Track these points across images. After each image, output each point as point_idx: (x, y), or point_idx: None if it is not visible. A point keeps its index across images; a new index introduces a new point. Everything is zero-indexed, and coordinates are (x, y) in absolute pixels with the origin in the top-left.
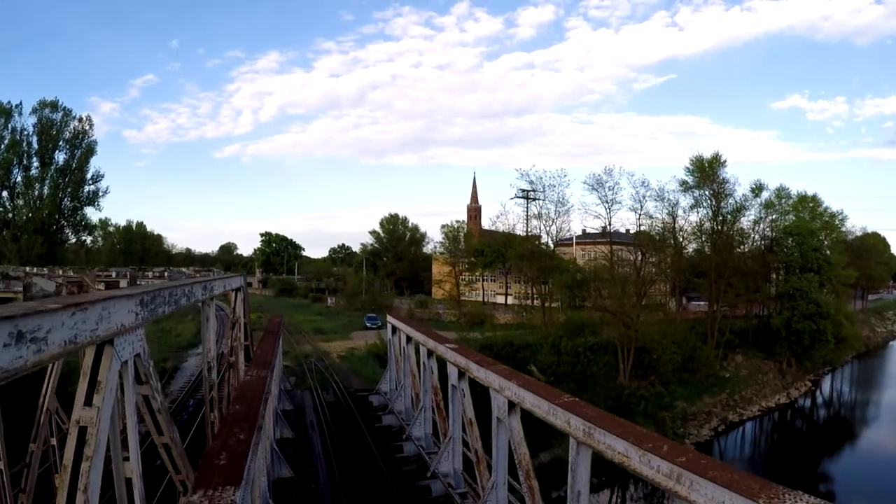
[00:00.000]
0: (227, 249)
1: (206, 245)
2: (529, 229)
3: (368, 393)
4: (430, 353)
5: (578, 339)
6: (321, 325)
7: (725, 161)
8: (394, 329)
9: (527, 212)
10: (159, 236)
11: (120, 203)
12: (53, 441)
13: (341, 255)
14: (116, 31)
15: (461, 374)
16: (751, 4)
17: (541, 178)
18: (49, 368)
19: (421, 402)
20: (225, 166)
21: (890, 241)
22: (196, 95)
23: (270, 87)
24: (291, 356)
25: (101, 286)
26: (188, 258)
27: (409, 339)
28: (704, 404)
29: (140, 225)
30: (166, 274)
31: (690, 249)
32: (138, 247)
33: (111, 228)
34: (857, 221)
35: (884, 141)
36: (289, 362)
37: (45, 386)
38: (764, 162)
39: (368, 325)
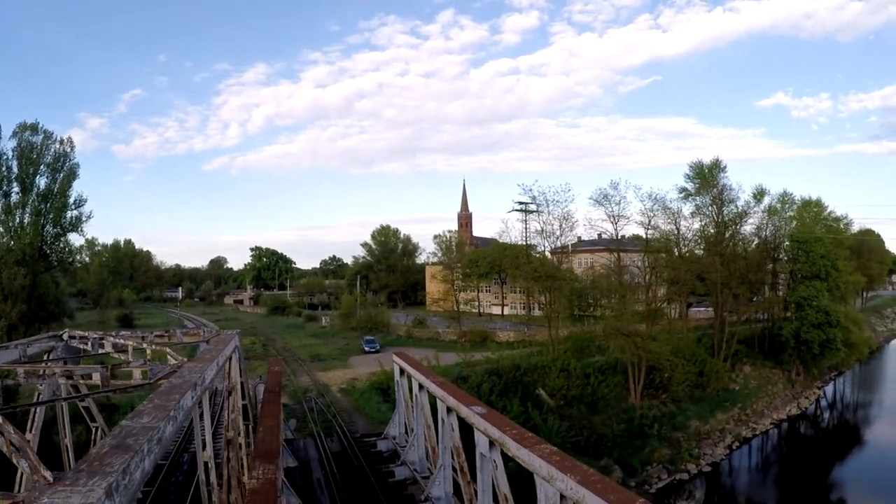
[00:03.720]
0: (218, 263)
1: (196, 259)
2: (527, 243)
3: (376, 438)
4: (449, 409)
5: (586, 358)
6: (318, 350)
7: (726, 166)
8: (401, 370)
9: (525, 225)
10: (148, 253)
11: (108, 219)
12: None
13: (333, 266)
14: (103, 47)
15: (493, 444)
16: (733, 4)
17: (543, 193)
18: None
19: (440, 461)
20: (214, 179)
21: (880, 234)
22: (184, 109)
23: (258, 99)
24: (290, 391)
25: None
26: (178, 274)
27: (421, 386)
28: (717, 421)
29: (128, 243)
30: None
31: (698, 253)
32: (127, 265)
33: (98, 248)
34: (850, 217)
35: (868, 136)
36: (287, 400)
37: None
38: (751, 160)
39: (367, 349)
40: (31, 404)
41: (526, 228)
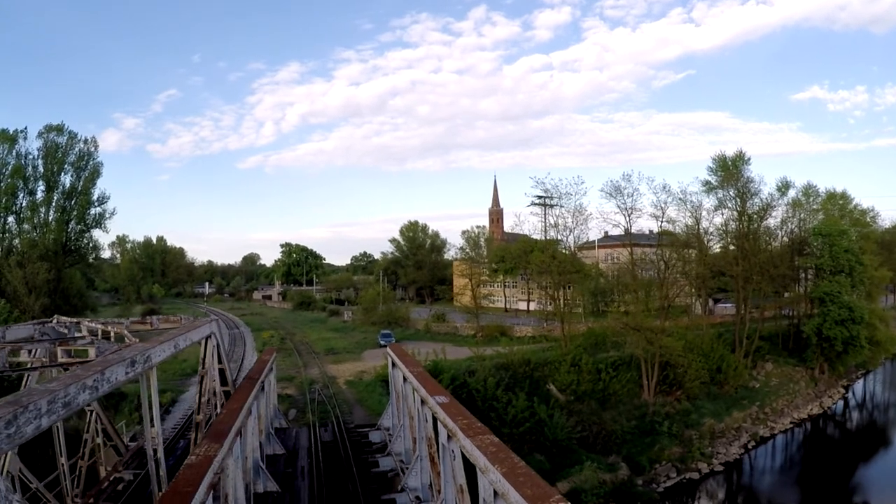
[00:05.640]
0: (251, 260)
1: (230, 256)
2: (547, 238)
3: (370, 429)
4: (423, 401)
5: (600, 353)
6: (334, 343)
7: (749, 159)
8: (393, 363)
9: (544, 220)
10: (181, 249)
11: (144, 217)
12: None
13: (363, 262)
14: (138, 49)
15: (450, 435)
16: None
17: (556, 186)
18: None
19: (417, 451)
20: (248, 177)
21: None
22: (219, 108)
23: (292, 98)
24: (297, 383)
25: None
26: (210, 270)
27: (405, 378)
28: (733, 419)
29: (160, 239)
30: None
31: (717, 249)
32: (158, 262)
33: (129, 244)
34: (886, 212)
35: None
36: (293, 391)
37: None
38: (787, 154)
39: (382, 342)
40: None
41: (545, 223)
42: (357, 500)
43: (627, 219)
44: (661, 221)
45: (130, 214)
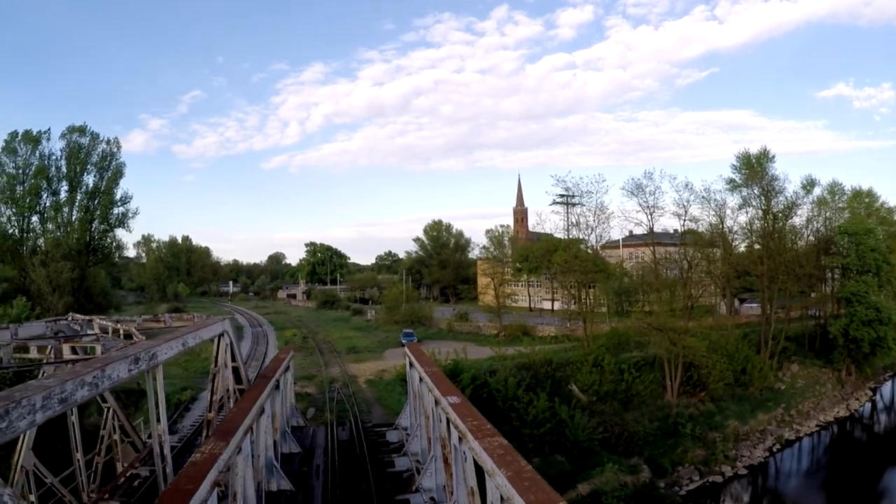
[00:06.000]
0: (276, 259)
1: (255, 256)
2: (570, 237)
3: (387, 428)
4: (437, 401)
5: (623, 354)
6: (356, 342)
7: (774, 156)
8: (410, 363)
9: (566, 219)
10: (206, 249)
11: (170, 217)
12: (33, 498)
13: (388, 262)
14: (163, 51)
15: (462, 436)
16: None
17: (577, 185)
18: None
19: (432, 452)
20: (273, 177)
21: None
22: (243, 109)
23: (316, 98)
24: (317, 381)
25: None
26: (235, 269)
27: (421, 378)
28: (758, 422)
29: (185, 239)
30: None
31: (742, 248)
32: (183, 261)
33: (154, 244)
34: None
35: None
36: (312, 389)
37: (20, 442)
38: (813, 153)
39: (404, 341)
40: None
41: (567, 221)
42: (371, 500)
43: (650, 217)
44: (684, 220)
45: (157, 214)
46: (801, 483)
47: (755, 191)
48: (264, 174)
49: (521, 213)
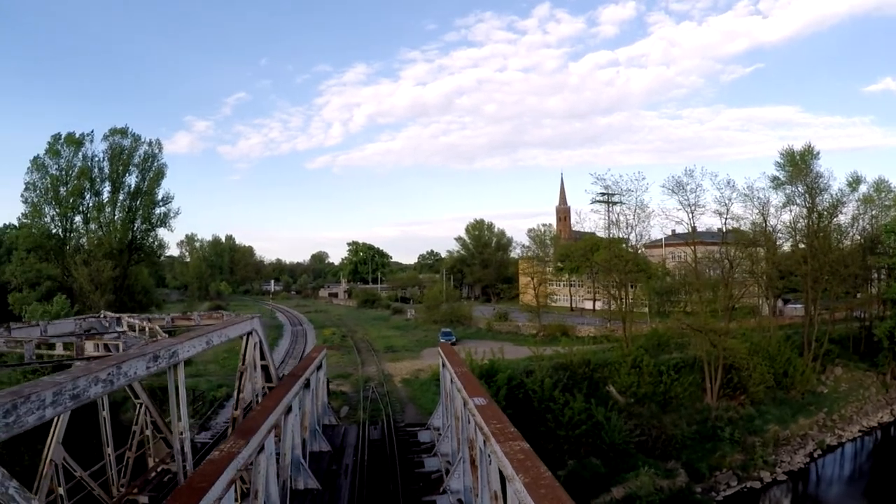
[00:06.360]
0: (319, 258)
1: (299, 255)
2: (610, 235)
3: (419, 428)
4: (465, 401)
5: (663, 355)
6: (394, 341)
7: (819, 153)
8: (443, 362)
9: (607, 217)
10: (249, 248)
11: (216, 216)
12: (61, 490)
13: (430, 261)
14: (207, 53)
15: (486, 439)
16: None
17: (616, 183)
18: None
19: (460, 453)
20: (317, 177)
21: None
22: (287, 110)
23: (359, 99)
24: (352, 380)
25: None
26: (278, 268)
27: (451, 379)
28: (799, 426)
29: (229, 238)
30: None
31: (786, 248)
32: (226, 260)
33: (198, 243)
34: None
35: None
36: (347, 388)
37: (50, 436)
38: (860, 149)
39: (442, 340)
40: None
41: (607, 220)
42: (397, 501)
43: (690, 216)
44: (725, 218)
45: (202, 214)
46: (843, 490)
47: (799, 188)
48: (308, 174)
49: (563, 212)
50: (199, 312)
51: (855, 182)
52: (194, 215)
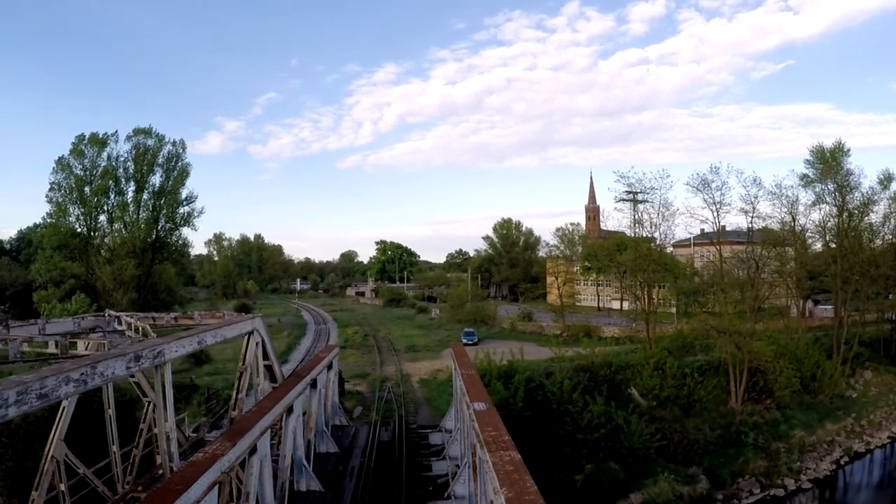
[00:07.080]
0: (348, 257)
1: (328, 254)
2: (635, 234)
3: (432, 430)
4: (468, 405)
5: (687, 357)
6: (416, 341)
7: (849, 150)
8: (455, 363)
9: (633, 216)
10: (278, 247)
11: (246, 215)
12: (63, 487)
13: (458, 260)
14: (238, 54)
15: (481, 447)
16: None
17: (640, 181)
18: (59, 414)
19: (465, 458)
20: (347, 176)
21: None
22: (317, 110)
23: (389, 98)
24: (370, 380)
25: None
26: (307, 267)
27: (460, 381)
28: (826, 432)
29: (257, 237)
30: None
31: (817, 247)
32: (254, 259)
33: (226, 242)
34: None
35: None
36: (364, 388)
37: (52, 433)
38: (894, 146)
39: (465, 340)
40: None
41: (633, 218)
42: None
43: (716, 214)
44: (752, 217)
45: (233, 213)
46: (870, 499)
47: (829, 186)
48: (338, 173)
49: (593, 211)
50: (200, 312)
51: (887, 180)
52: (225, 214)
